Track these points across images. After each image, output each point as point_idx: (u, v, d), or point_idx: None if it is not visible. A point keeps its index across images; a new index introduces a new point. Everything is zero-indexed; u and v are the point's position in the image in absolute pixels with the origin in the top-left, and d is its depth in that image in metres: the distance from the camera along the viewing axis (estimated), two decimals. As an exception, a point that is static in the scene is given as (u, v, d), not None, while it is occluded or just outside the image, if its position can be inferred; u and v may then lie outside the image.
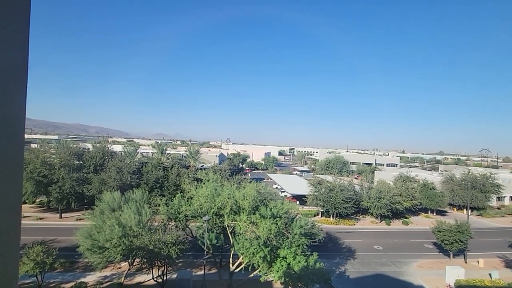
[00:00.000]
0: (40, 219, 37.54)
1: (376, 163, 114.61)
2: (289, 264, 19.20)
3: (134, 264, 23.37)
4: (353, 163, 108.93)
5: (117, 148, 64.18)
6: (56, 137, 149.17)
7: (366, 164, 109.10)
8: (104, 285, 21.89)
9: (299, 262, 19.09)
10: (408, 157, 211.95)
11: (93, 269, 22.78)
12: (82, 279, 21.74)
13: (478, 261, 30.62)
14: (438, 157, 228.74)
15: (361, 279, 25.62)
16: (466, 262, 30.44)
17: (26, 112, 1.42)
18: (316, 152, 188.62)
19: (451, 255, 30.93)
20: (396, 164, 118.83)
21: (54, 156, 40.57)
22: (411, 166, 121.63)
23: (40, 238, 25.13)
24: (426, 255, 32.74)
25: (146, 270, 22.53)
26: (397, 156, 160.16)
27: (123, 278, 22.51)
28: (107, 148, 46.58)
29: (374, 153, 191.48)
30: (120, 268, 24.49)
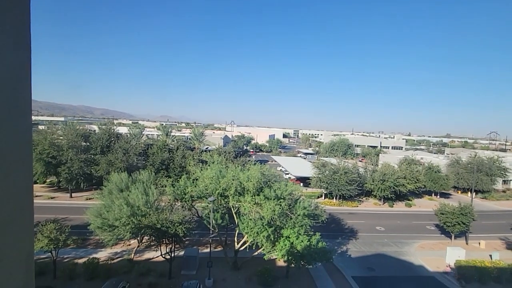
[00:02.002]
0: (51, 198, 38.84)
1: (381, 146, 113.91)
2: (292, 243, 19.75)
3: (143, 241, 24.30)
4: (358, 145, 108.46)
5: (123, 130, 64.63)
6: (62, 118, 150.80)
7: (371, 146, 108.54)
8: (115, 260, 22.96)
9: (302, 241, 19.62)
10: (414, 140, 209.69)
11: (104, 246, 23.82)
12: (94, 255, 22.80)
13: (479, 243, 31.04)
14: (445, 140, 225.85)
15: (363, 258, 26.34)
16: (467, 244, 30.90)
17: (32, 93, 1.42)
18: (321, 135, 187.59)
19: (453, 237, 31.37)
20: (402, 147, 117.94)
21: (61, 137, 41.20)
22: (416, 149, 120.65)
23: (52, 216, 26.13)
24: (427, 236, 33.28)
25: (155, 247, 23.48)
26: (403, 139, 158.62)
27: (133, 255, 23.54)
28: (112, 130, 47.00)
29: (379, 136, 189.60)
30: (129, 245, 25.55)
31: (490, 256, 26.50)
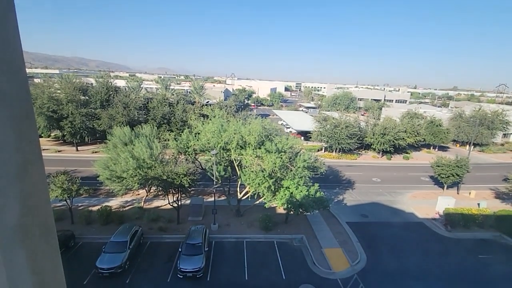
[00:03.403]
0: (59, 151, 39.95)
1: (385, 99, 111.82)
2: (291, 193, 20.89)
3: (150, 191, 25.75)
4: (361, 99, 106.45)
5: (120, 83, 62.98)
6: (57, 71, 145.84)
7: (375, 100, 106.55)
8: (126, 208, 24.66)
9: (301, 191, 20.71)
10: (419, 93, 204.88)
11: (114, 195, 25.35)
12: (106, 203, 24.40)
13: (470, 193, 32.64)
14: (451, 93, 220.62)
15: (357, 206, 28.09)
16: (458, 193, 32.53)
17: (23, 45, 1.35)
18: (324, 88, 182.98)
19: (445, 187, 32.90)
20: (406, 101, 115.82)
21: (59, 91, 40.50)
22: (421, 103, 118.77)
23: (62, 169, 27.31)
24: (421, 187, 34.88)
25: (162, 197, 24.97)
26: (408, 92, 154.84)
27: (142, 203, 25.18)
28: (110, 83, 45.87)
29: (384, 89, 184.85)
30: (138, 194, 27.15)
31: (478, 204, 28.13)
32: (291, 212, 21.57)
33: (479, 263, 20.13)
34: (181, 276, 16.64)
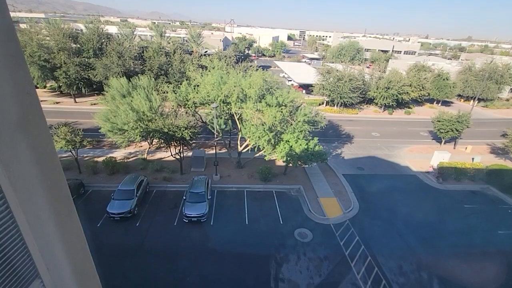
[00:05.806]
0: (57, 103, 39.48)
1: (393, 50, 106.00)
2: (291, 146, 21.31)
3: (153, 144, 26.24)
4: (368, 50, 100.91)
5: (112, 29, 58.88)
6: (42, 15, 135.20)
7: (382, 51, 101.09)
8: (130, 159, 25.45)
9: (300, 145, 21.11)
10: (430, 44, 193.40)
11: (118, 147, 25.93)
12: (111, 155, 25.09)
13: (466, 148, 33.24)
14: (464, 44, 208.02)
15: (354, 159, 28.92)
16: (454, 148, 33.16)
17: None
18: (329, 37, 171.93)
19: (443, 142, 33.38)
20: (415, 52, 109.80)
21: (48, 38, 38.18)
22: (430, 54, 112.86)
23: (63, 120, 27.35)
24: (419, 141, 35.39)
25: (165, 149, 25.52)
26: (418, 42, 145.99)
27: (145, 154, 25.89)
28: (101, 30, 42.95)
29: (393, 39, 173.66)
30: (141, 146, 27.75)
31: (472, 159, 28.90)
32: (290, 165, 22.30)
33: (462, 211, 21.59)
34: (186, 221, 18.05)
